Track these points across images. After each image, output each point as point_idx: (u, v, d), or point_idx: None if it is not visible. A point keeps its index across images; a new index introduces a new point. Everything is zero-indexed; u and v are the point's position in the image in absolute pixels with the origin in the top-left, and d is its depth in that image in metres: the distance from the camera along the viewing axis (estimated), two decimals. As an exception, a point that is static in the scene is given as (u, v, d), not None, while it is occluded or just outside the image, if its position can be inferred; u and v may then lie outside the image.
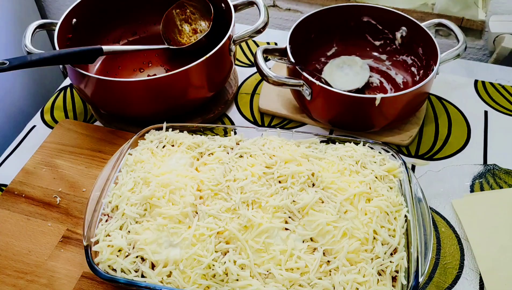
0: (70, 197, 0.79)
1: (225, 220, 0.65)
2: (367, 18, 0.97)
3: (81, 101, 0.99)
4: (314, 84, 0.80)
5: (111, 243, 0.63)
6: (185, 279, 0.61)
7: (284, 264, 0.61)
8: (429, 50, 0.88)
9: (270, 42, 1.11)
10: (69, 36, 0.92)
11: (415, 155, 0.86)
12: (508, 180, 0.81)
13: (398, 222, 0.65)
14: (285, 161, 0.72)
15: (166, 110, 0.86)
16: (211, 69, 0.85)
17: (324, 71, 0.97)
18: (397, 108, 0.82)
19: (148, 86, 0.80)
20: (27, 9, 1.39)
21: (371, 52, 1.01)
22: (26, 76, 1.35)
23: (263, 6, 0.91)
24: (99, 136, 0.89)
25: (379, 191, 0.68)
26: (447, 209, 0.78)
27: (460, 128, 0.90)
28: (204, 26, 1.00)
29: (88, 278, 0.69)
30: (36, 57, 0.77)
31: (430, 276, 0.70)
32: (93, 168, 0.83)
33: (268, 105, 0.94)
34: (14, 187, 0.81)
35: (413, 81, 0.95)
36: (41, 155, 0.86)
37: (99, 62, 1.01)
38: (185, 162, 0.73)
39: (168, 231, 0.64)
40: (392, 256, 0.62)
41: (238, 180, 0.69)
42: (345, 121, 0.86)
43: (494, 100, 0.95)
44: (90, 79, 0.81)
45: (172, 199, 0.67)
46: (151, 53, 1.03)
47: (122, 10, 1.03)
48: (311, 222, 0.64)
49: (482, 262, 0.70)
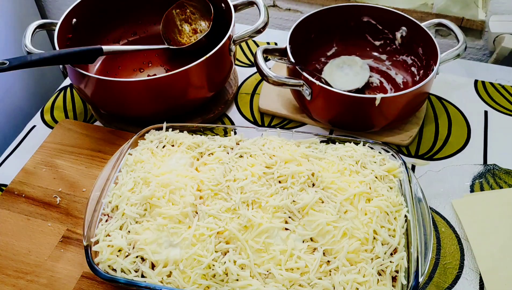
0: (70, 197, 0.79)
1: (225, 220, 0.65)
2: (367, 18, 0.97)
3: (81, 101, 0.99)
4: (314, 84, 0.80)
5: (111, 243, 0.63)
6: (185, 279, 0.61)
7: (284, 264, 0.61)
8: (429, 50, 0.88)
9: (270, 42, 1.11)
10: (69, 36, 0.92)
11: (415, 155, 0.86)
12: (508, 180, 0.81)
13: (398, 222, 0.65)
14: (285, 161, 0.72)
15: (166, 110, 0.86)
16: (211, 69, 0.85)
17: (324, 71, 0.97)
18: (397, 108, 0.82)
19: (148, 86, 0.80)
20: (27, 9, 1.39)
21: (371, 52, 1.01)
22: (26, 76, 1.35)
23: (263, 6, 0.91)
24: (99, 136, 0.89)
25: (379, 191, 0.68)
26: (447, 209, 0.78)
27: (460, 128, 0.90)
28: (204, 26, 1.00)
29: (88, 278, 0.69)
30: (36, 57, 0.77)
31: (430, 276, 0.70)
32: (93, 168, 0.83)
33: (268, 105, 0.94)
34: (14, 187, 0.81)
35: (413, 81, 0.95)
36: (41, 155, 0.86)
37: (99, 62, 1.01)
38: (185, 162, 0.73)
39: (168, 231, 0.64)
40: (392, 256, 0.62)
41: (238, 180, 0.69)
42: (345, 121, 0.86)
43: (494, 100, 0.95)
44: (90, 79, 0.81)
45: (172, 199, 0.67)
46: (151, 53, 1.03)
47: (122, 10, 1.03)
48: (311, 222, 0.64)
49: (482, 262, 0.70)
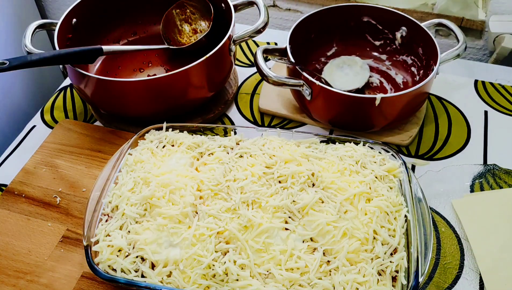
0: (70, 197, 0.79)
1: (225, 220, 0.65)
2: (367, 18, 0.97)
3: (81, 101, 0.99)
4: (314, 84, 0.80)
5: (111, 243, 0.63)
6: (185, 279, 0.61)
7: (284, 264, 0.61)
8: (429, 50, 0.88)
9: (270, 42, 1.11)
10: (69, 36, 0.92)
11: (415, 155, 0.86)
12: (508, 180, 0.81)
13: (398, 222, 0.65)
14: (285, 161, 0.72)
15: (166, 110, 0.86)
16: (211, 69, 0.85)
17: (324, 71, 0.97)
18: (397, 108, 0.82)
19: (148, 86, 0.80)
20: (27, 9, 1.39)
21: (371, 52, 1.01)
22: (26, 76, 1.35)
23: (263, 6, 0.90)
24: (99, 136, 0.89)
25: (379, 191, 0.68)
26: (447, 209, 0.78)
27: (460, 128, 0.90)
28: (204, 26, 1.00)
29: (88, 278, 0.69)
30: (36, 57, 0.77)
31: (430, 276, 0.70)
32: (93, 168, 0.83)
33: (268, 105, 0.94)
34: (14, 187, 0.81)
35: (413, 81, 0.95)
36: (41, 155, 0.86)
37: (99, 62, 1.01)
38: (185, 162, 0.73)
39: (168, 231, 0.64)
40: (392, 256, 0.62)
41: (238, 180, 0.69)
42: (345, 121, 0.86)
43: (494, 100, 0.95)
44: (90, 79, 0.81)
45: (172, 199, 0.67)
46: (151, 53, 1.03)
47: (122, 10, 1.03)
48: (311, 222, 0.64)
49: (482, 262, 0.70)
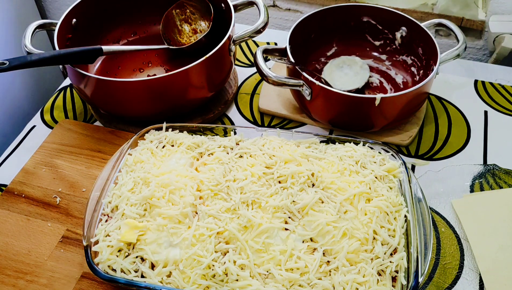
0: (70, 197, 0.79)
1: (225, 220, 0.65)
2: (367, 18, 0.97)
3: (81, 101, 0.99)
4: (314, 84, 0.80)
5: (111, 243, 0.63)
6: (185, 279, 0.61)
7: (284, 264, 0.61)
8: (429, 50, 0.88)
9: (270, 42, 1.11)
10: (69, 36, 0.92)
11: (415, 155, 0.86)
12: (508, 180, 0.81)
13: (398, 222, 0.65)
14: (285, 161, 0.72)
15: (166, 110, 0.86)
16: (211, 69, 0.85)
17: (324, 71, 0.97)
18: (397, 108, 0.82)
19: (148, 86, 0.80)
20: (27, 9, 1.39)
21: (371, 52, 1.01)
22: (26, 76, 1.35)
23: (263, 6, 0.90)
24: (99, 136, 0.89)
25: (379, 191, 0.68)
26: (447, 209, 0.78)
27: (460, 128, 0.90)
28: (204, 26, 1.00)
29: (88, 278, 0.69)
30: (36, 57, 0.77)
31: (430, 276, 0.70)
32: (93, 168, 0.83)
33: (268, 105, 0.94)
34: (14, 187, 0.81)
35: (413, 81, 0.95)
36: (41, 155, 0.86)
37: (99, 62, 1.01)
38: (185, 162, 0.73)
39: (168, 231, 0.64)
40: (392, 256, 0.62)
41: (238, 180, 0.69)
42: (345, 121, 0.86)
43: (494, 100, 0.95)
44: (90, 79, 0.81)
45: (172, 199, 0.67)
46: (151, 53, 1.03)
47: (122, 10, 1.03)
48: (311, 222, 0.64)
49: (482, 262, 0.70)
